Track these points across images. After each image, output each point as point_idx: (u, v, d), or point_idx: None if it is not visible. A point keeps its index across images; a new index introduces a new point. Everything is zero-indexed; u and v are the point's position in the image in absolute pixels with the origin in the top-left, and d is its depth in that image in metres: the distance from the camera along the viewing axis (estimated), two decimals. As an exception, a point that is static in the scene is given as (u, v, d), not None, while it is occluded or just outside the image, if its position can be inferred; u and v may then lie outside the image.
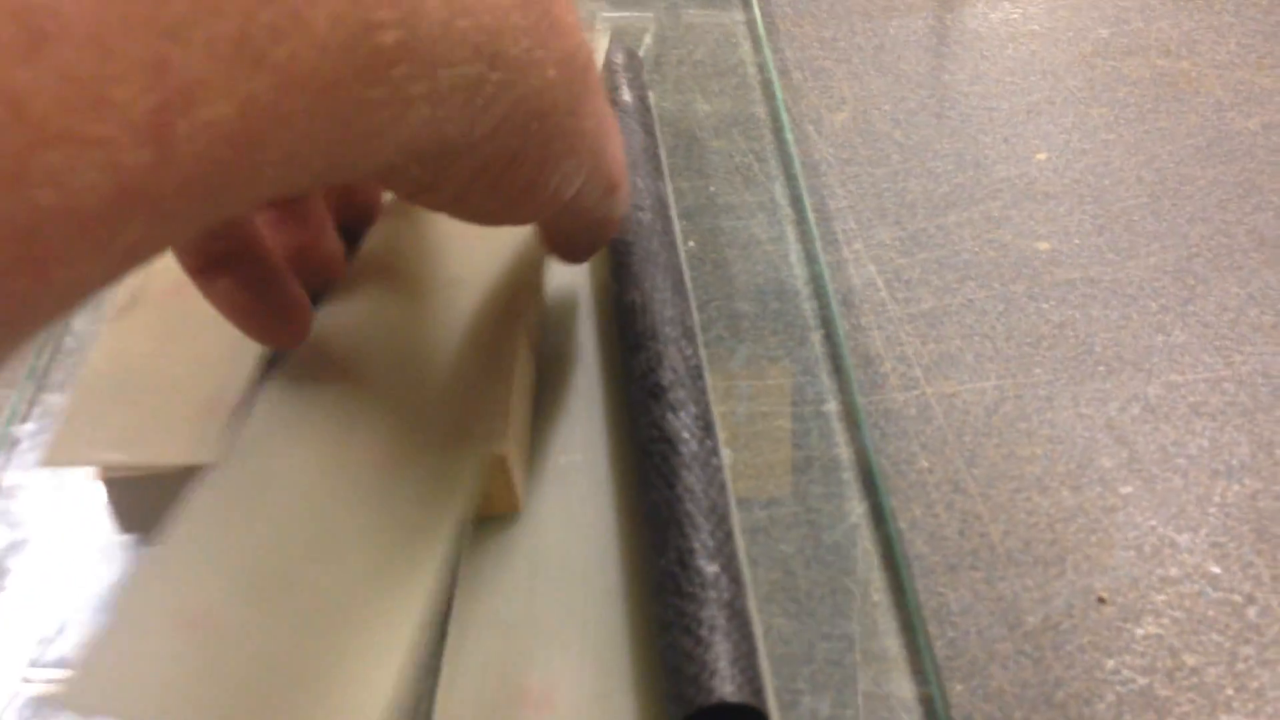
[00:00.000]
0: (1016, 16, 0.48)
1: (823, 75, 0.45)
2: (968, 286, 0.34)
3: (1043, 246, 0.35)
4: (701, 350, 0.29)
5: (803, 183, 0.38)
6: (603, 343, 0.31)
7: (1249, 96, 0.42)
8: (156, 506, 0.23)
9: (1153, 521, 0.26)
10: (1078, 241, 0.35)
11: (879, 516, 0.27)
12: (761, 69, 0.45)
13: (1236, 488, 0.27)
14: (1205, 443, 0.28)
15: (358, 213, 0.30)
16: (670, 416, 0.25)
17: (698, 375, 0.27)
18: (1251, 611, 0.24)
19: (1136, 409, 0.29)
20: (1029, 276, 0.34)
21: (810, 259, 0.35)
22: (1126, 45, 0.46)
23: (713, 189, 0.38)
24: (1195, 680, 0.23)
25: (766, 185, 0.38)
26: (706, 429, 0.25)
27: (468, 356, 0.26)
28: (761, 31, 0.47)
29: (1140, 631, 0.24)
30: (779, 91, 0.43)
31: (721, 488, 0.24)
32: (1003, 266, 0.34)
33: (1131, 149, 0.39)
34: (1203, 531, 0.26)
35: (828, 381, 0.31)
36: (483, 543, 0.26)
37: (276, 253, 0.25)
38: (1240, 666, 0.23)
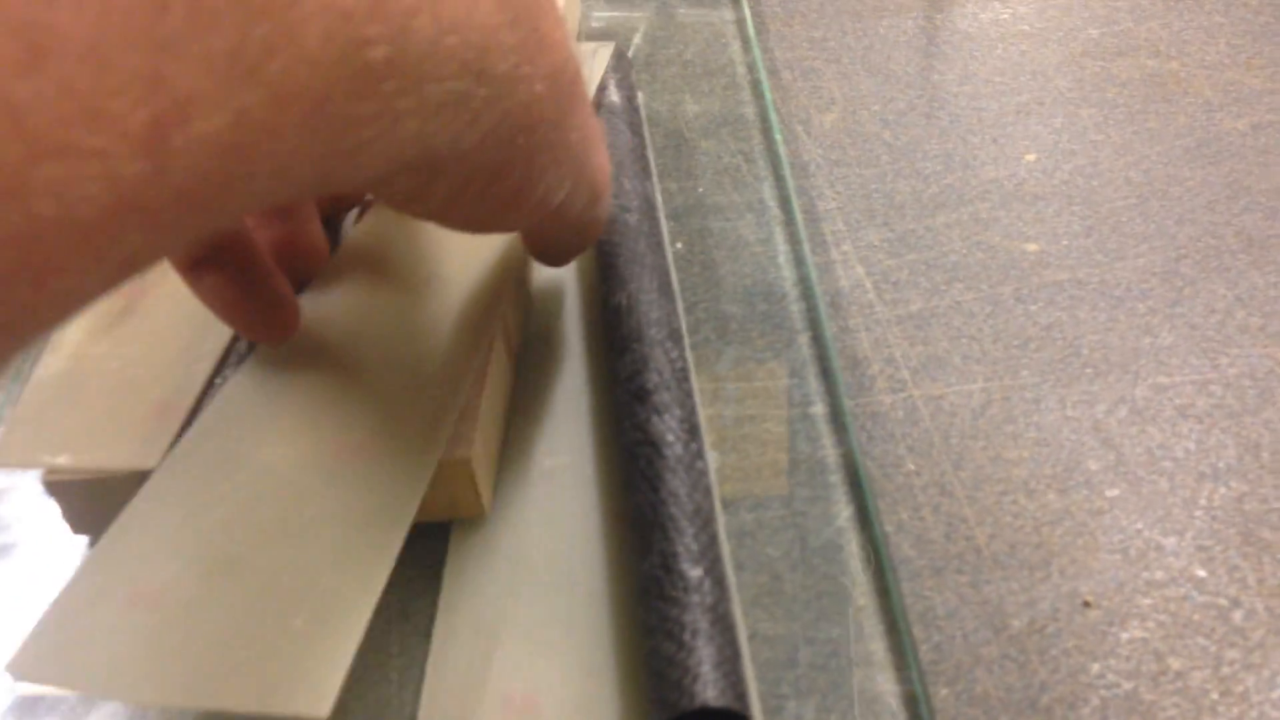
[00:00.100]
0: (1006, 17, 0.48)
1: (812, 75, 0.44)
2: (955, 288, 0.33)
3: (1031, 248, 0.35)
4: (688, 352, 0.28)
5: (791, 184, 0.38)
6: (589, 345, 0.31)
7: (1238, 97, 0.42)
8: (105, 508, 0.23)
9: (1139, 525, 0.26)
10: (1066, 243, 0.35)
11: (865, 520, 0.27)
12: (751, 69, 0.45)
13: (1223, 491, 0.27)
14: (1192, 445, 0.28)
15: (343, 206, 0.30)
16: (655, 419, 0.25)
17: (684, 378, 0.27)
18: (1237, 615, 0.24)
19: (1123, 411, 0.29)
20: (1017, 278, 0.34)
21: (798, 261, 0.35)
22: (1116, 46, 0.46)
23: (701, 190, 0.38)
24: (1180, 684, 0.23)
25: (755, 186, 0.38)
26: (692, 432, 0.25)
27: (440, 354, 0.26)
28: (751, 31, 0.47)
29: (1125, 635, 0.24)
30: (768, 92, 0.43)
31: (707, 491, 0.24)
32: (991, 268, 0.34)
33: (1120, 150, 0.39)
34: (1189, 535, 0.26)
35: (815, 384, 0.30)
36: (466, 547, 0.25)
37: (263, 249, 0.25)
38: (1225, 670, 0.23)
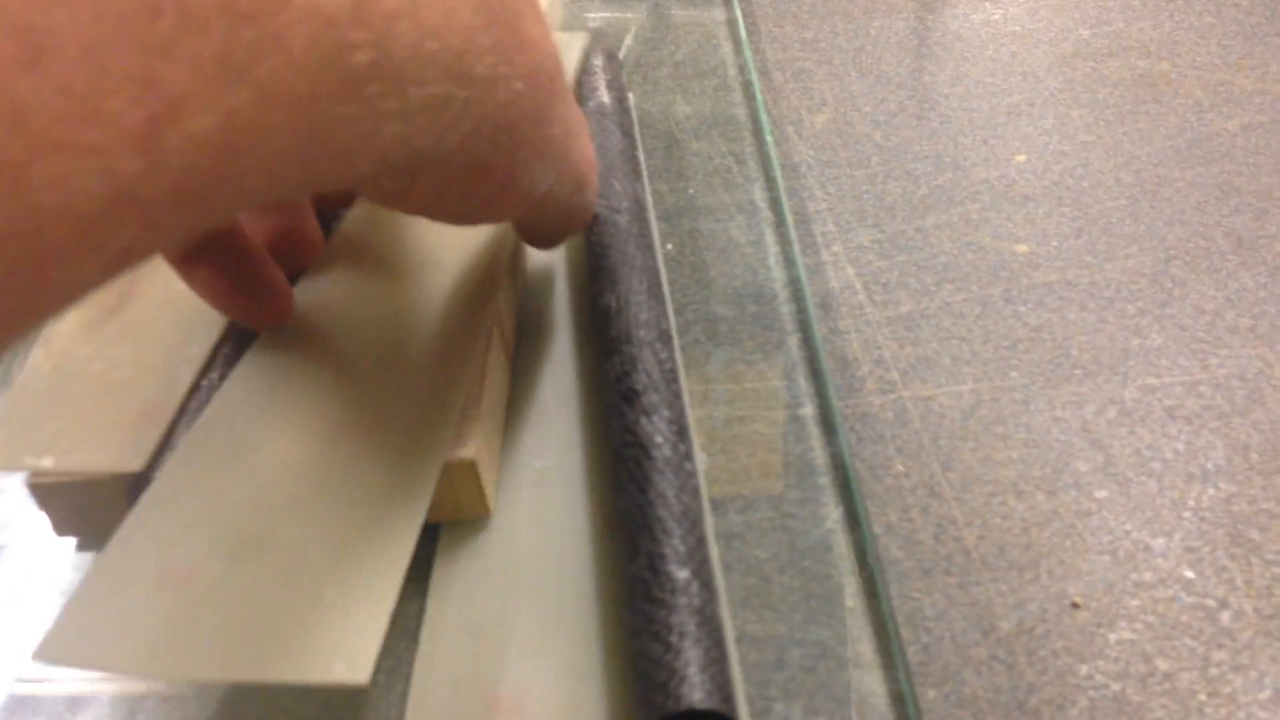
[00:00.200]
0: (998, 17, 0.48)
1: (803, 76, 0.44)
2: (945, 289, 0.33)
3: (1021, 249, 0.35)
4: (678, 354, 0.28)
5: (782, 185, 0.37)
6: (579, 347, 0.31)
7: (1228, 98, 0.42)
8: (89, 511, 0.23)
9: (1127, 526, 0.26)
10: (1056, 244, 0.35)
11: (854, 521, 0.27)
12: (742, 70, 0.45)
13: (1211, 492, 0.27)
14: (1181, 446, 0.28)
15: (335, 198, 0.31)
16: (644, 421, 0.25)
17: (673, 379, 0.27)
18: (1225, 616, 0.24)
19: (1112, 412, 0.29)
20: (1007, 279, 0.34)
21: (789, 262, 0.35)
22: (1107, 46, 0.46)
23: (692, 191, 0.38)
24: (1168, 686, 0.23)
25: (746, 187, 0.38)
26: (680, 433, 0.25)
27: (442, 334, 0.26)
28: (743, 32, 0.47)
29: (1114, 637, 0.24)
30: (759, 93, 0.43)
31: (695, 492, 0.24)
32: (981, 269, 0.34)
33: (1111, 151, 0.39)
34: (1177, 536, 0.26)
35: (805, 385, 0.30)
36: (455, 548, 0.25)
37: (255, 239, 0.26)
38: (1213, 672, 0.23)
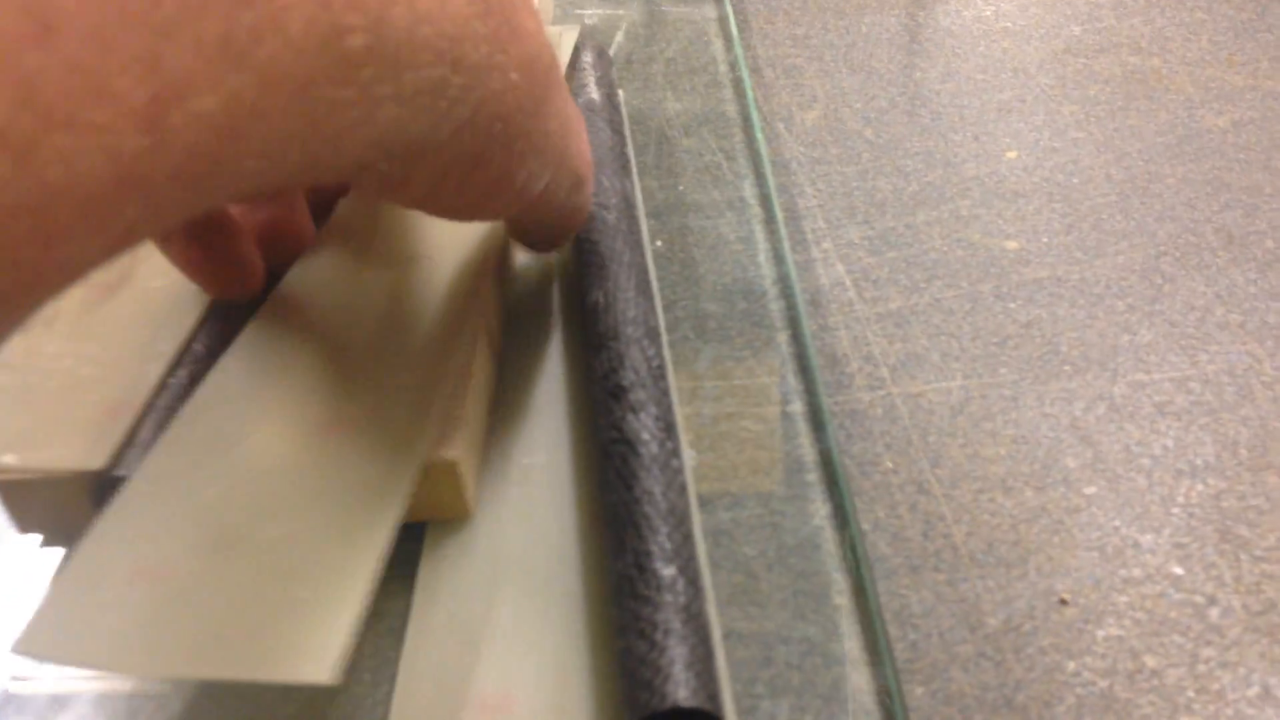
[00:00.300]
0: (989, 14, 0.48)
1: (794, 73, 0.44)
2: (935, 286, 0.33)
3: (1011, 245, 0.35)
4: (666, 351, 0.28)
5: (772, 182, 0.37)
6: (567, 343, 0.31)
7: (1219, 94, 0.42)
8: (52, 509, 0.23)
9: (1116, 522, 0.26)
10: (1046, 240, 0.35)
11: (842, 518, 0.27)
12: (733, 66, 0.45)
13: (1200, 488, 0.27)
14: (1170, 442, 0.28)
15: (328, 192, 0.31)
16: (631, 418, 0.25)
17: (660, 376, 0.27)
18: (1214, 613, 0.24)
19: (1102, 409, 0.29)
20: (997, 275, 0.34)
21: (778, 258, 0.35)
22: (1098, 42, 0.46)
23: (682, 188, 0.38)
24: (1156, 682, 0.23)
25: (736, 184, 0.38)
26: (668, 430, 0.25)
27: (426, 328, 0.26)
28: (734, 29, 0.47)
29: (1101, 633, 0.24)
30: (750, 89, 0.42)
31: (681, 490, 0.24)
32: (971, 266, 0.34)
33: (1101, 147, 0.39)
34: (1165, 532, 0.26)
35: (794, 382, 0.30)
36: (441, 546, 0.25)
37: (235, 219, 0.26)
38: (1201, 668, 0.23)
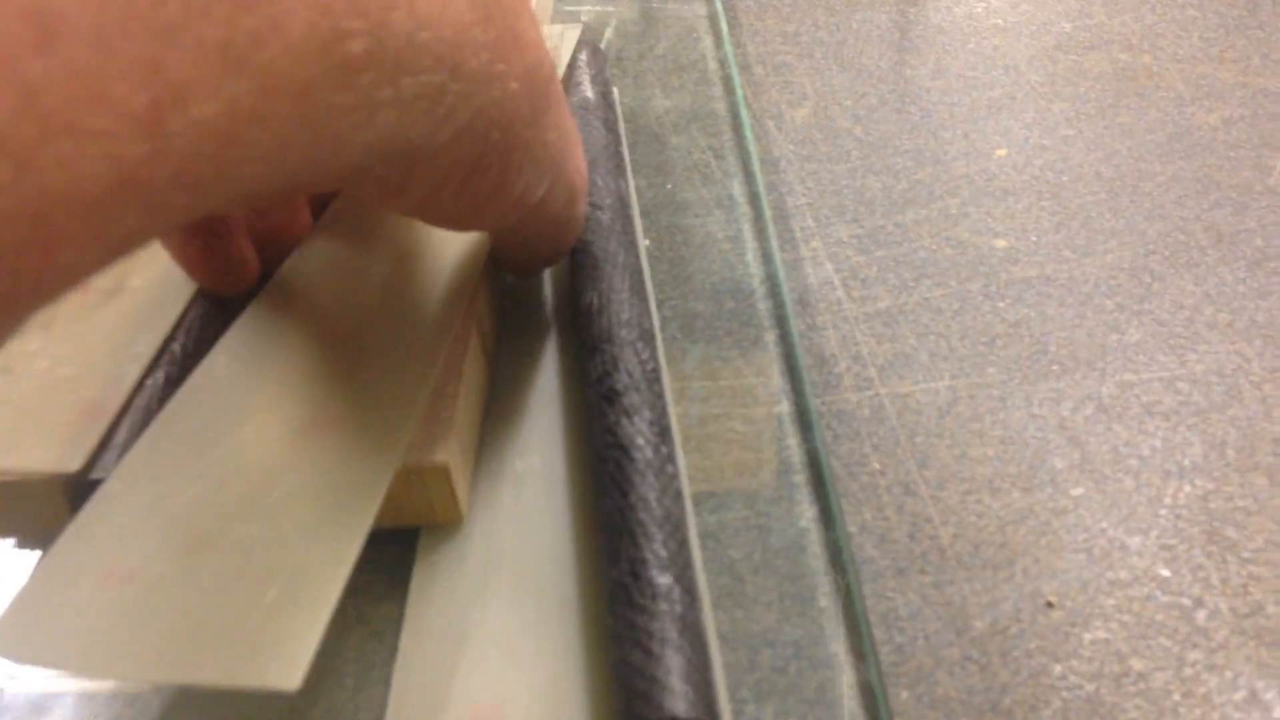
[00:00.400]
0: (980, 10, 0.48)
1: (784, 70, 0.44)
2: (924, 285, 0.33)
3: (1000, 244, 0.35)
4: (660, 353, 0.28)
5: (760, 180, 0.37)
6: (561, 346, 0.30)
7: (1210, 91, 0.42)
8: (26, 512, 0.22)
9: (1103, 524, 0.26)
10: (1035, 239, 0.35)
11: (829, 520, 0.26)
12: (723, 64, 0.44)
13: (1188, 489, 0.27)
14: (1158, 443, 0.28)
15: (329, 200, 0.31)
16: (625, 422, 0.25)
17: (655, 379, 0.26)
18: (1200, 615, 0.24)
19: (1090, 409, 0.29)
20: (985, 274, 0.33)
21: (766, 258, 0.34)
22: (1089, 39, 0.45)
23: (670, 186, 0.38)
24: (1142, 686, 0.23)
25: (724, 182, 0.38)
26: (662, 435, 0.25)
27: (412, 329, 0.26)
28: (724, 26, 0.46)
29: (1088, 636, 0.24)
30: (739, 87, 0.42)
31: (677, 495, 0.24)
32: (960, 264, 0.34)
33: (1091, 145, 0.39)
34: (1153, 534, 0.26)
35: (781, 382, 0.30)
36: (434, 552, 0.25)
37: (235, 216, 0.27)
38: (1188, 672, 0.23)
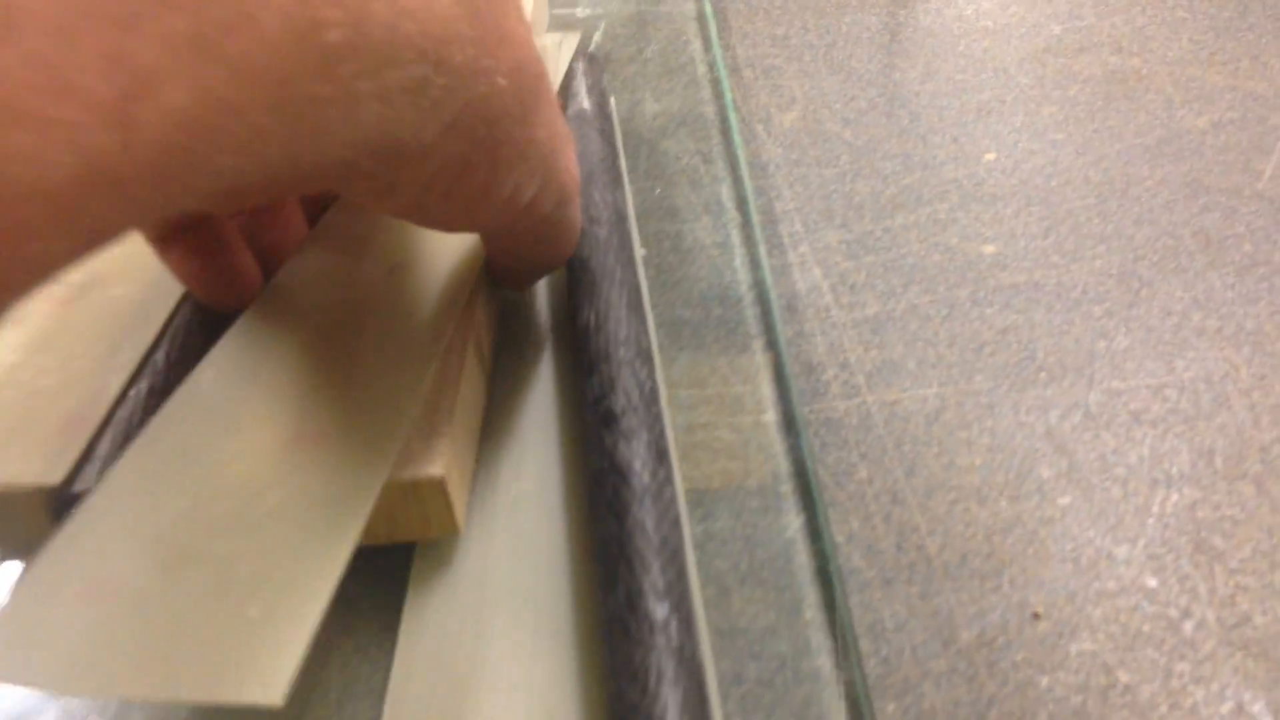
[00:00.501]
0: (970, 13, 0.48)
1: (773, 73, 0.44)
2: (912, 291, 0.33)
3: (988, 249, 0.35)
4: (658, 371, 0.28)
5: (749, 184, 0.37)
6: (558, 363, 0.30)
7: (1199, 94, 0.42)
8: (10, 523, 0.22)
9: (1090, 533, 0.26)
10: (1023, 244, 0.35)
11: (815, 530, 0.26)
12: (711, 67, 0.44)
13: (1175, 497, 0.27)
14: (1145, 451, 0.28)
15: (323, 202, 0.31)
16: (622, 445, 0.24)
17: (653, 400, 0.26)
18: (1188, 626, 0.24)
19: (1077, 416, 0.29)
20: (974, 280, 0.33)
21: (754, 264, 0.34)
22: (1078, 42, 0.45)
23: (658, 191, 0.38)
24: (1129, 698, 0.23)
25: (713, 187, 0.38)
26: (660, 458, 0.25)
27: (403, 341, 0.26)
28: (712, 28, 0.46)
29: (1075, 648, 0.24)
30: (728, 90, 0.42)
31: (675, 521, 0.23)
32: (948, 270, 0.34)
33: (1080, 149, 0.39)
34: (1140, 544, 0.26)
35: (768, 390, 0.30)
36: (428, 576, 0.25)
37: (232, 226, 0.27)
38: (1175, 684, 0.23)
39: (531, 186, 0.22)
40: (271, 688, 0.18)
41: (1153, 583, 0.25)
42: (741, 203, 0.37)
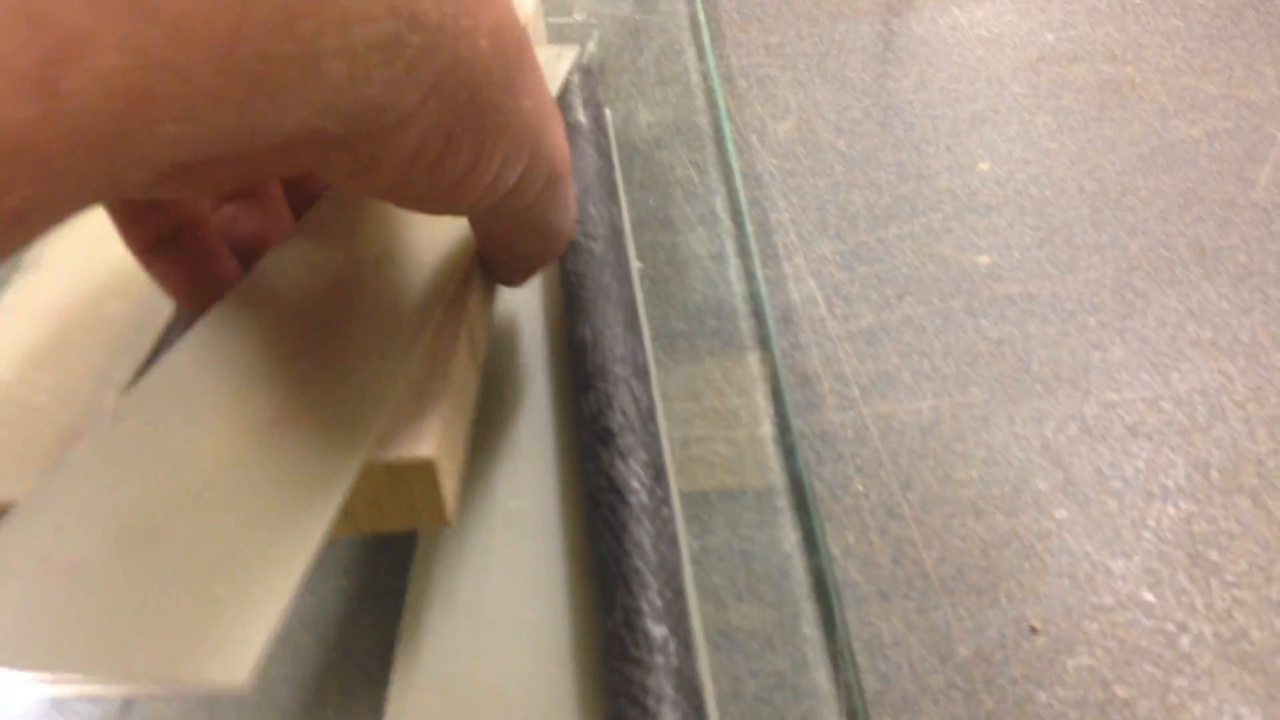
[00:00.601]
0: (964, 22, 0.48)
1: (768, 83, 0.44)
2: (907, 302, 0.33)
3: (983, 260, 0.35)
4: (655, 389, 0.28)
5: (743, 196, 0.37)
6: (554, 381, 0.30)
7: (1193, 103, 0.42)
8: None
9: (1087, 547, 0.26)
10: (1018, 255, 0.35)
11: (812, 545, 0.26)
12: (705, 77, 0.44)
13: (1171, 510, 0.27)
14: (1141, 464, 0.28)
15: (310, 199, 0.31)
16: (619, 464, 0.24)
17: (649, 418, 0.26)
18: (1185, 641, 0.24)
19: (1073, 429, 0.29)
20: (968, 291, 0.33)
21: (749, 275, 0.34)
22: (1072, 51, 0.45)
23: (653, 202, 0.38)
24: (1127, 713, 0.23)
25: (707, 198, 0.38)
26: (657, 476, 0.24)
27: (385, 329, 0.25)
28: (706, 38, 0.46)
29: (1072, 663, 0.24)
30: (722, 100, 0.42)
31: (672, 541, 0.23)
32: (943, 281, 0.34)
33: (1074, 158, 0.39)
34: (1137, 558, 0.26)
35: (764, 404, 0.30)
36: (425, 595, 0.25)
37: (217, 235, 0.26)
38: (1172, 699, 0.23)
39: (519, 161, 0.21)
40: (235, 669, 0.18)
41: (1150, 597, 0.25)
42: (736, 214, 0.37)
